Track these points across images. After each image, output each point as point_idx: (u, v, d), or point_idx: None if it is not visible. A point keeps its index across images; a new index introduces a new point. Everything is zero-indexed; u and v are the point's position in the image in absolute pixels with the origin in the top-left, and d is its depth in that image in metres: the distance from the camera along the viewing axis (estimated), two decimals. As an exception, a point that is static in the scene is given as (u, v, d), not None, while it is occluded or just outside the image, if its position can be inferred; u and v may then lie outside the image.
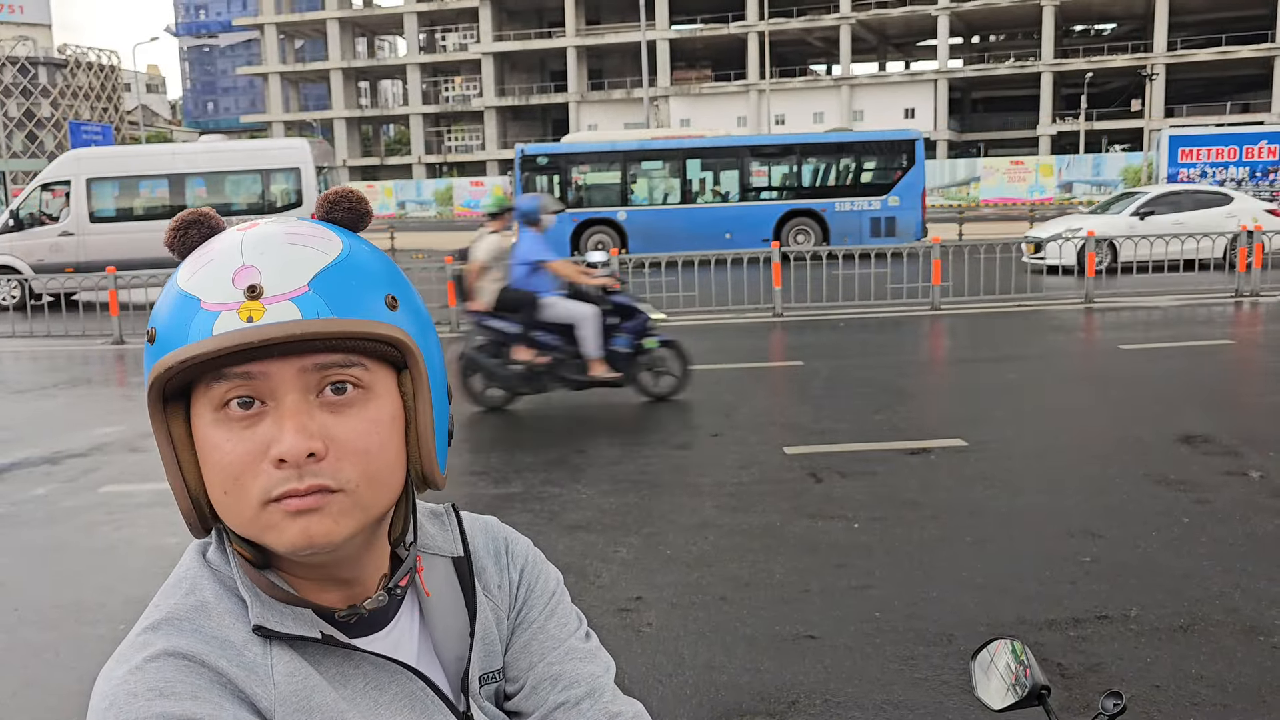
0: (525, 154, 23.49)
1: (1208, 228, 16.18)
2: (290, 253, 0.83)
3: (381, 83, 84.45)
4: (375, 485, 0.85)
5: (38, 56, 76.70)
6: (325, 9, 70.95)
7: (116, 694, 0.79)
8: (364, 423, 0.84)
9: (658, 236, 22.13)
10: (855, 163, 23.30)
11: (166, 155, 19.38)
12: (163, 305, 0.84)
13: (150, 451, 7.40)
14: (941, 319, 13.14)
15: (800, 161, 23.56)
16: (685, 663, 3.75)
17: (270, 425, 0.81)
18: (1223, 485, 5.69)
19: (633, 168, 23.76)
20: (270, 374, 0.81)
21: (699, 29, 63.65)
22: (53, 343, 13.80)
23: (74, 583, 4.85)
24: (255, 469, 0.81)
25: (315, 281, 0.82)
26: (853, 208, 22.79)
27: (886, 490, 5.80)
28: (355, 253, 0.86)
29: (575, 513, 5.59)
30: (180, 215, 0.88)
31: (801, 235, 22.70)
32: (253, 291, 0.80)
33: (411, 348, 0.86)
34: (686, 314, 13.29)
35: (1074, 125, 56.85)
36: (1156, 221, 17.14)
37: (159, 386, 0.82)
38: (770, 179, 23.78)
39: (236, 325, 0.79)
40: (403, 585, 0.93)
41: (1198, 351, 10.23)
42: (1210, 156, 30.04)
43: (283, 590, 0.87)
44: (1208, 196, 18.25)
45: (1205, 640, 3.78)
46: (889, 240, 21.80)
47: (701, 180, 23.77)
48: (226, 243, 0.85)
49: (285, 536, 0.82)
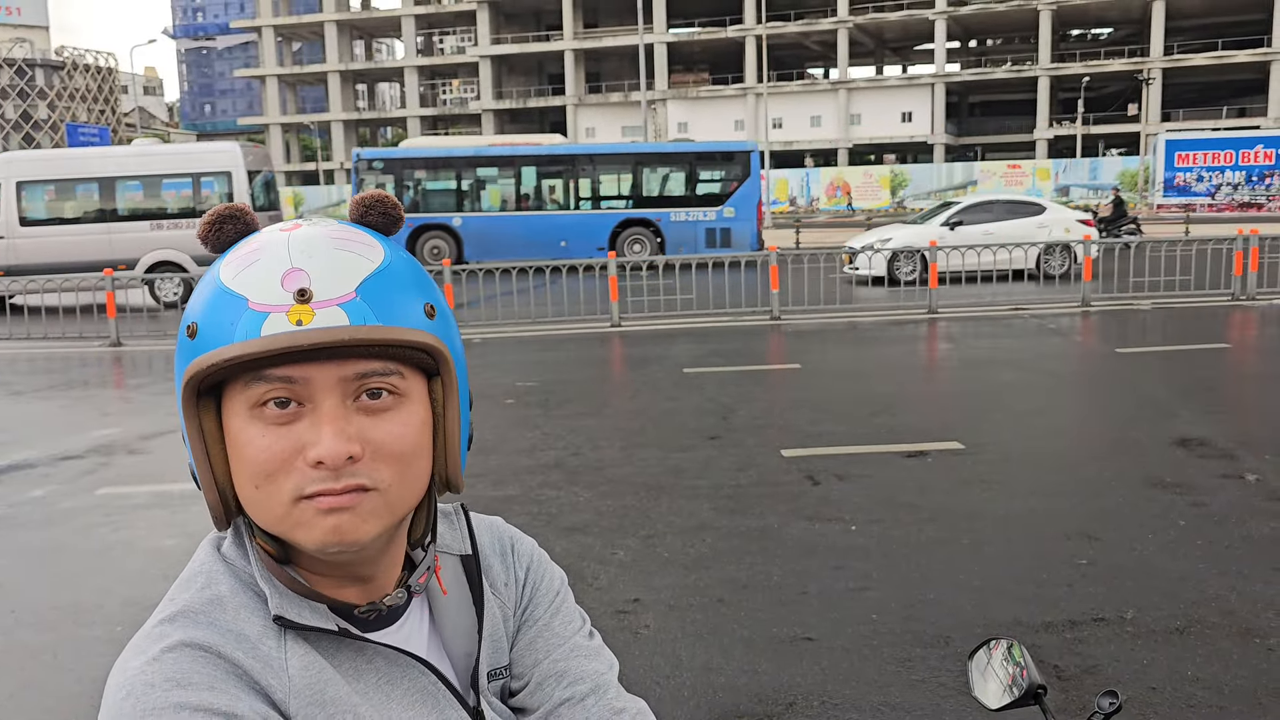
0: (361, 158, 23.54)
1: (1019, 238, 16.09)
2: (338, 257, 0.84)
3: (379, 85, 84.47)
4: (406, 487, 0.87)
5: (35, 58, 76.66)
6: (323, 12, 70.99)
7: (133, 684, 0.79)
8: (399, 426, 0.85)
9: (493, 243, 22.30)
10: (691, 173, 23.47)
11: (97, 159, 19.16)
12: (204, 301, 0.84)
13: (148, 454, 7.40)
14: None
15: (637, 171, 23.67)
16: (683, 664, 3.76)
17: (307, 426, 0.82)
18: (1218, 488, 5.70)
19: (469, 174, 23.83)
20: (312, 379, 0.82)
21: (696, 32, 63.71)
22: (49, 345, 13.79)
23: (72, 584, 4.84)
24: (290, 466, 0.82)
25: (362, 288, 0.83)
26: (688, 218, 22.95)
27: (884, 493, 5.82)
28: (396, 260, 0.87)
29: (573, 515, 5.59)
30: (215, 210, 0.89)
31: (637, 244, 22.81)
32: (302, 295, 0.81)
33: (447, 356, 0.88)
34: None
35: (1071, 129, 56.96)
36: (966, 232, 16.80)
37: (196, 382, 0.83)
38: (607, 188, 23.85)
39: (285, 328, 0.80)
40: (421, 583, 0.94)
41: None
42: (1206, 160, 30.13)
43: (301, 585, 0.88)
44: (1020, 206, 17.98)
45: (1201, 642, 3.79)
46: (724, 250, 22.05)
47: (537, 188, 23.81)
48: (271, 242, 0.85)
49: (315, 533, 0.83)
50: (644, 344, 12.23)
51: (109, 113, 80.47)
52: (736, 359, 11.03)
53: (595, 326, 13.69)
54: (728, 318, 13.89)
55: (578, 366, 11.18)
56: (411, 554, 0.97)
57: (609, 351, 12.12)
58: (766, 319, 13.78)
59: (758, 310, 14.06)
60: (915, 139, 59.86)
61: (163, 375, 11.47)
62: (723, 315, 13.97)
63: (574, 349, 12.19)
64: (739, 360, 10.94)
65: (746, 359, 11.17)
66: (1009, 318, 13.35)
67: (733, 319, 13.84)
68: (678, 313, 14.06)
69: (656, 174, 23.68)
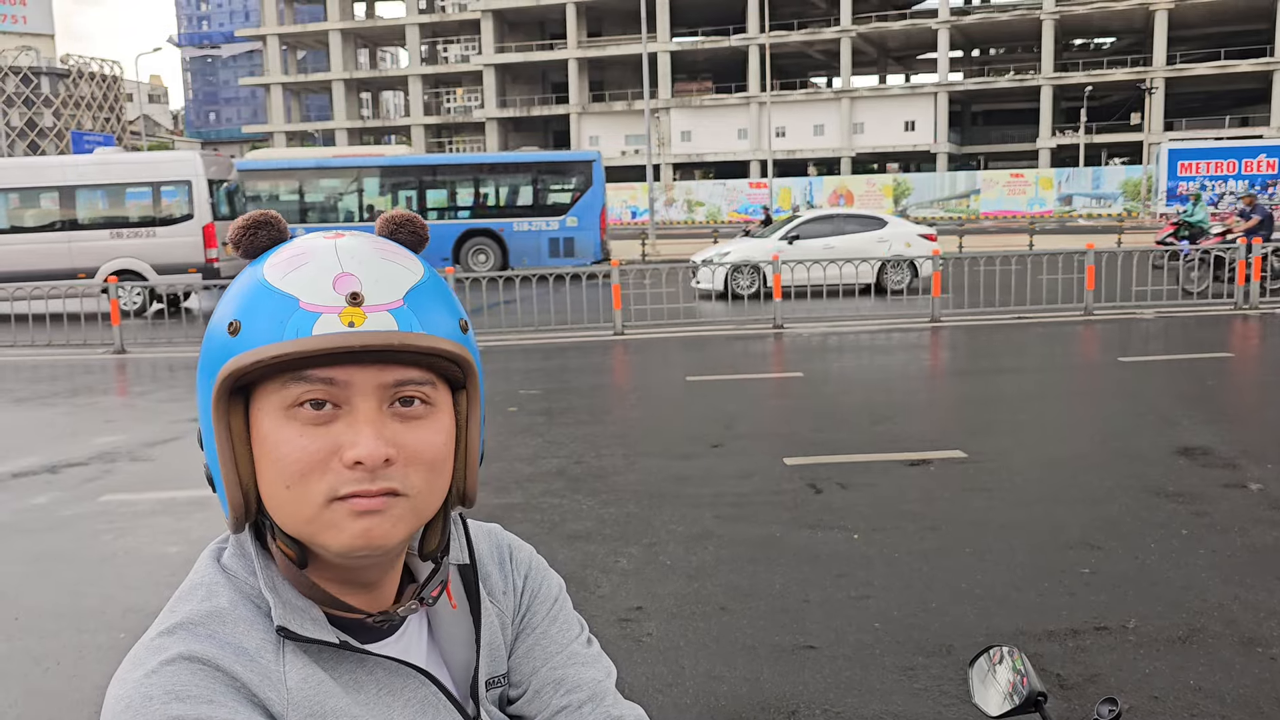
0: None
1: (858, 252, 15.99)
2: (385, 267, 0.86)
3: (383, 94, 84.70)
4: (432, 495, 0.89)
5: (40, 66, 77.01)
6: (327, 20, 71.22)
7: (132, 697, 0.80)
8: (431, 434, 0.87)
9: None
10: (534, 183, 23.55)
11: (57, 168, 19.06)
12: (247, 299, 0.85)
13: (151, 461, 7.41)
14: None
15: (479, 181, 23.79)
16: (685, 673, 3.76)
17: (344, 427, 0.84)
18: (1221, 497, 5.70)
19: (311, 185, 23.86)
20: (353, 382, 0.84)
21: (700, 41, 63.88)
22: (54, 352, 13.81)
23: (75, 591, 4.85)
24: (325, 467, 0.83)
25: (408, 297, 0.85)
26: (531, 228, 23.07)
27: (886, 501, 5.81)
28: (432, 276, 0.90)
29: (575, 523, 5.59)
30: (250, 215, 0.90)
31: (481, 255, 22.90)
32: (354, 299, 0.83)
33: (474, 370, 0.91)
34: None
35: (1074, 138, 57.02)
36: (805, 246, 16.66)
37: (233, 379, 0.84)
38: (452, 199, 23.91)
39: (338, 328, 0.82)
40: (434, 596, 0.95)
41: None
42: (1209, 170, 30.14)
43: (320, 591, 0.88)
44: (860, 221, 17.87)
45: (1204, 651, 3.79)
46: (567, 261, 22.19)
47: (380, 198, 23.83)
48: (318, 247, 0.87)
49: (343, 536, 0.84)
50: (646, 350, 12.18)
51: (114, 120, 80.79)
52: (573, 376, 11.01)
53: (598, 334, 13.71)
54: (569, 333, 13.79)
55: (580, 374, 11.19)
56: (410, 564, 0.98)
57: (612, 359, 12.13)
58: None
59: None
60: (918, 148, 59.93)
61: (166, 383, 11.49)
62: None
63: (577, 356, 12.21)
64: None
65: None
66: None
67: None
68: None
69: (501, 184, 23.85)
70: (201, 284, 17.01)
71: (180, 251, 17.91)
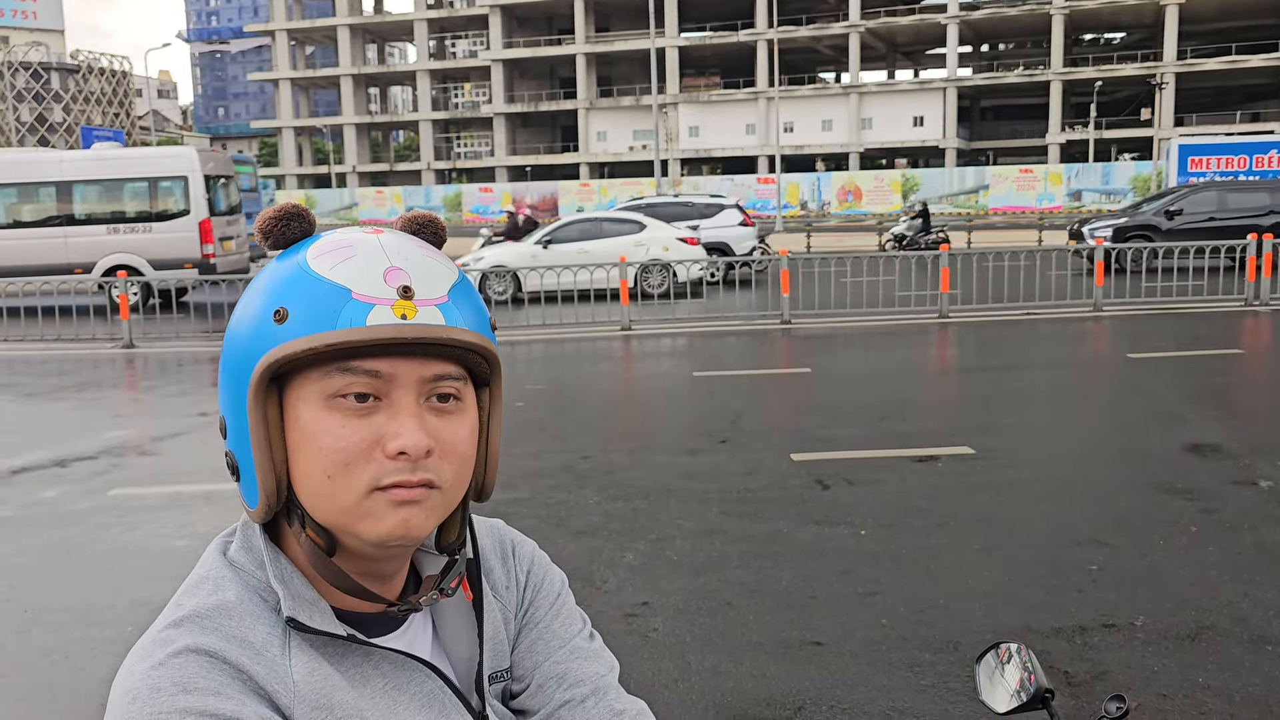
0: None
1: (614, 256, 15.52)
2: (429, 263, 0.88)
3: (391, 89, 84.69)
4: (460, 488, 0.91)
5: (50, 62, 77.20)
6: (336, 16, 71.26)
7: (139, 688, 0.80)
8: (463, 429, 0.89)
9: None
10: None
11: (54, 163, 19.02)
12: (293, 288, 0.85)
13: (160, 455, 7.43)
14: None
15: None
16: (691, 668, 3.76)
17: (385, 419, 0.85)
18: (1230, 494, 5.68)
19: None
20: (397, 375, 0.85)
21: (708, 36, 63.75)
22: (62, 347, 13.86)
23: (84, 585, 4.87)
24: (369, 457, 0.84)
25: (452, 293, 0.88)
26: None
27: (894, 497, 5.80)
28: (464, 277, 0.92)
29: (582, 518, 5.60)
30: (282, 206, 0.92)
31: None
32: (406, 292, 0.85)
33: (500, 368, 0.93)
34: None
35: (1083, 134, 56.79)
36: (560, 250, 16.47)
37: (276, 367, 0.84)
38: None
39: (391, 320, 0.83)
40: (453, 587, 0.95)
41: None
42: (1220, 166, 29.99)
43: (348, 578, 0.89)
44: (618, 224, 17.59)
45: (1213, 649, 3.78)
46: None
47: None
48: (363, 241, 0.88)
49: (382, 526, 0.85)
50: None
51: (123, 116, 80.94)
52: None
53: (607, 330, 13.71)
54: (575, 329, 13.79)
55: (588, 369, 11.20)
56: (416, 561, 0.99)
57: (619, 354, 12.14)
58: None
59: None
60: (927, 143, 59.76)
61: (175, 377, 11.53)
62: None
63: (584, 350, 12.21)
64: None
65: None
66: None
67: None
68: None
69: None
70: (198, 279, 17.21)
71: (177, 247, 17.91)
